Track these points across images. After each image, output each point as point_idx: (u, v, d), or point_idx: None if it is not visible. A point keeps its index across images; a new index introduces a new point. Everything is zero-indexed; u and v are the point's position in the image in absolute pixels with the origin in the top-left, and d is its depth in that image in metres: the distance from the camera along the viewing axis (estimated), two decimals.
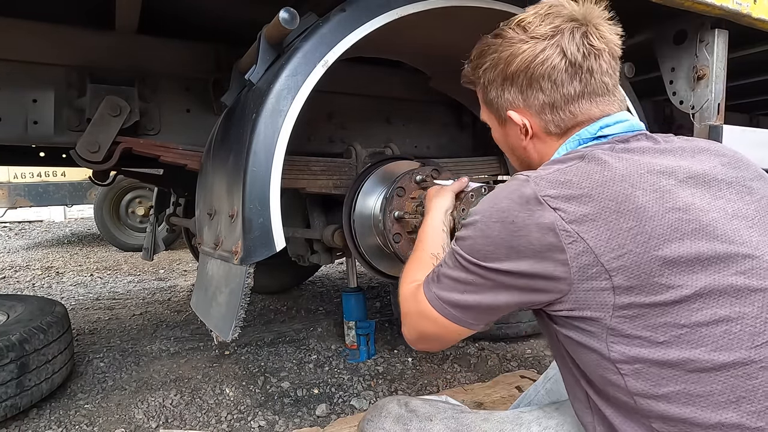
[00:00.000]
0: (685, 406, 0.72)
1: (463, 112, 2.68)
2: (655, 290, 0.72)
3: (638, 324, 0.73)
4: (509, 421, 1.01)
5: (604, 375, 0.78)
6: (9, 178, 6.71)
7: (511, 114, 0.95)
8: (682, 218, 0.74)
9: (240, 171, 1.26)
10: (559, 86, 0.88)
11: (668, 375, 0.73)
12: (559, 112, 0.90)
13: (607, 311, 0.74)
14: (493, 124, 1.05)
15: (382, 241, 1.77)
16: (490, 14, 1.57)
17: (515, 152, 1.02)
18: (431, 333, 0.95)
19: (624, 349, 0.75)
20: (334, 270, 4.86)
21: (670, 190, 0.77)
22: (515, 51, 0.90)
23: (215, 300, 1.44)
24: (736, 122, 2.58)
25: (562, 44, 0.87)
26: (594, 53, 0.87)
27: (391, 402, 1.11)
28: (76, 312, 3.59)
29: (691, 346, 0.72)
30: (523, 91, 0.92)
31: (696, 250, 0.73)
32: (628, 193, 0.76)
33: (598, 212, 0.75)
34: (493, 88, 0.97)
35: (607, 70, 0.89)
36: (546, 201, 0.77)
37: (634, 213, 0.74)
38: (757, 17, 1.83)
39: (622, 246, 0.73)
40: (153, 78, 1.95)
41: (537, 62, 0.88)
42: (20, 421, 1.92)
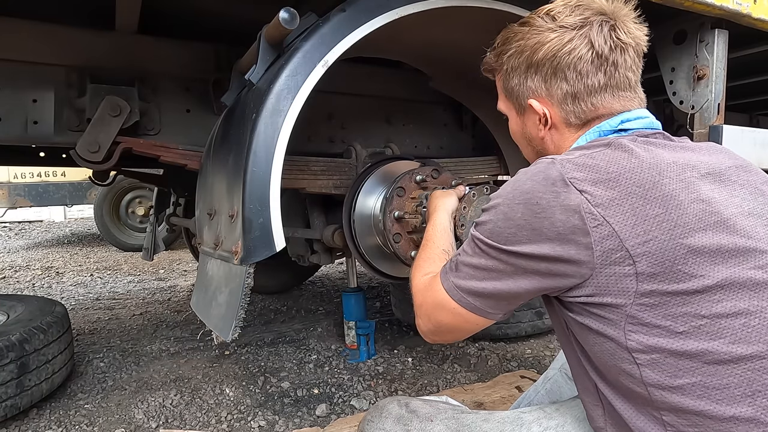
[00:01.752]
0: (700, 398, 0.72)
1: (463, 112, 2.68)
2: (678, 278, 0.72)
3: (659, 313, 0.73)
4: (510, 422, 1.01)
5: (619, 365, 0.77)
6: (9, 178, 6.71)
7: (532, 102, 0.94)
8: (706, 210, 0.75)
9: (240, 171, 1.26)
10: (583, 77, 0.88)
11: (685, 366, 0.72)
12: (581, 103, 0.90)
13: (628, 298, 0.74)
14: (510, 114, 1.04)
15: (382, 241, 1.77)
16: (490, 14, 1.57)
17: (531, 143, 1.01)
18: (448, 324, 0.93)
19: (642, 338, 0.74)
20: (334, 270, 4.86)
21: (693, 181, 0.77)
22: (542, 39, 0.90)
23: (215, 300, 1.44)
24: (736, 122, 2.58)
25: (590, 36, 0.87)
26: (620, 47, 0.88)
27: (392, 402, 1.11)
28: (76, 312, 3.59)
29: (710, 337, 0.71)
30: (547, 80, 0.92)
31: (718, 242, 0.73)
32: (655, 180, 0.76)
33: (624, 197, 0.75)
34: (515, 75, 0.96)
35: (632, 66, 0.90)
36: (573, 183, 0.76)
37: (661, 200, 0.74)
38: (757, 17, 1.83)
39: (648, 232, 0.73)
40: (153, 78, 1.95)
41: (564, 51, 0.88)
42: (20, 421, 1.92)
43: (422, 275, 1.03)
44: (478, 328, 0.93)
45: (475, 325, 0.92)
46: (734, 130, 1.96)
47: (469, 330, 0.94)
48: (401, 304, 2.87)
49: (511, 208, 0.81)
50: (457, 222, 1.55)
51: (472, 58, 2.00)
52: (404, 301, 2.83)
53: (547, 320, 2.71)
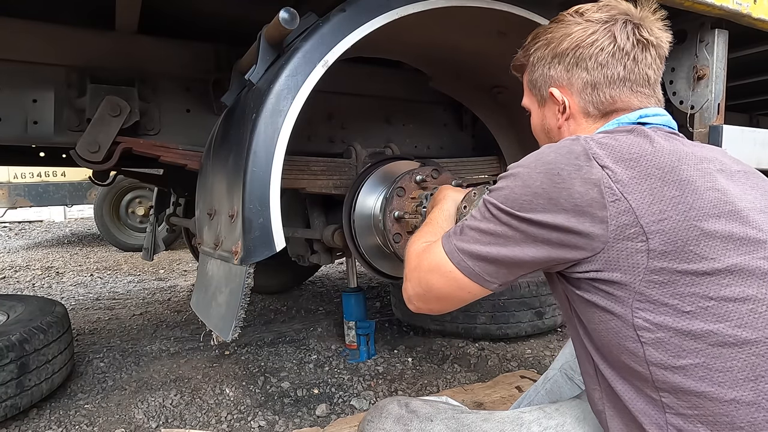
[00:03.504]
0: (702, 380, 0.72)
1: (463, 112, 2.68)
2: (689, 258, 0.73)
3: (667, 291, 0.74)
4: (509, 422, 1.01)
5: (622, 343, 0.78)
6: (9, 178, 6.71)
7: (553, 90, 0.98)
8: (721, 198, 0.77)
9: (240, 171, 1.26)
10: (603, 67, 0.92)
11: (689, 347, 0.73)
12: (600, 93, 0.94)
13: (638, 274, 0.75)
14: (532, 107, 1.08)
15: (382, 241, 1.77)
16: (490, 14, 1.57)
17: (549, 134, 1.04)
18: (439, 289, 0.93)
19: (649, 315, 0.75)
20: (334, 270, 4.86)
21: (710, 172, 0.80)
22: (568, 31, 0.95)
23: (215, 300, 1.44)
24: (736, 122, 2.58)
25: (613, 30, 0.92)
26: (642, 44, 0.92)
27: (392, 403, 1.11)
28: (76, 312, 3.59)
29: (717, 319, 0.72)
30: (569, 69, 0.96)
31: (730, 229, 0.75)
32: (674, 165, 0.79)
33: (643, 177, 0.77)
34: (540, 66, 1.01)
35: (651, 64, 0.94)
36: (596, 158, 0.79)
37: (678, 183, 0.77)
38: (757, 17, 1.83)
39: (663, 212, 0.75)
40: (153, 78, 1.95)
41: (587, 42, 0.93)
42: (20, 421, 1.92)
43: (419, 243, 1.03)
44: (468, 299, 0.92)
45: (468, 293, 0.91)
46: (734, 130, 1.96)
47: (459, 299, 0.93)
48: (401, 304, 2.87)
49: (530, 176, 0.82)
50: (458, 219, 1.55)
51: (472, 58, 2.02)
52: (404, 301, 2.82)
53: (548, 320, 2.71)
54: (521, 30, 1.68)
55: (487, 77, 2.14)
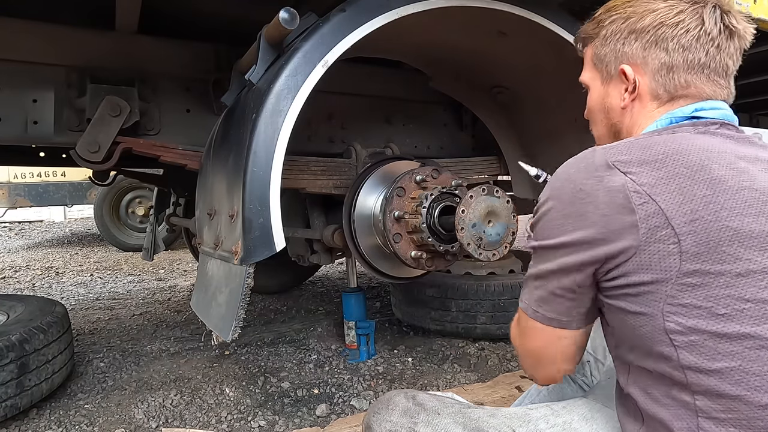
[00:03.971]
0: (737, 384, 0.71)
1: (463, 112, 2.68)
2: (723, 259, 0.71)
3: (700, 294, 0.72)
4: (517, 418, 1.01)
5: (656, 348, 0.76)
6: (9, 178, 6.72)
7: (625, 68, 0.93)
8: (758, 198, 0.74)
9: (240, 171, 1.26)
10: (685, 50, 0.88)
11: (725, 350, 0.71)
12: (675, 76, 0.89)
13: (670, 277, 0.73)
14: (594, 84, 1.02)
15: (382, 241, 1.77)
16: (490, 14, 1.57)
17: (609, 114, 0.99)
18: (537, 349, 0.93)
19: (681, 319, 0.73)
20: (334, 270, 4.86)
21: (747, 170, 0.77)
22: (652, 7, 0.90)
23: (215, 300, 1.44)
24: None
25: (702, 13, 0.87)
26: (729, 32, 0.88)
27: (398, 395, 1.10)
28: (76, 312, 3.59)
29: (753, 322, 0.71)
30: (646, 48, 0.90)
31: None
32: (704, 163, 0.76)
33: (671, 177, 0.75)
34: (613, 41, 0.95)
35: (733, 54, 0.90)
36: (616, 165, 0.77)
37: (709, 182, 0.74)
38: (757, 17, 1.83)
39: (694, 212, 0.72)
40: (153, 78, 1.95)
41: (672, 22, 0.88)
42: (20, 421, 1.91)
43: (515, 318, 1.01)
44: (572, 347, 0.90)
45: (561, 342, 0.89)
46: None
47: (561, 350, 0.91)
48: (401, 304, 2.87)
49: (559, 200, 0.82)
50: (457, 225, 1.55)
51: (472, 58, 2.02)
52: (404, 301, 2.83)
53: None
54: (521, 30, 1.69)
55: (487, 77, 2.14)
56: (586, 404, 1.04)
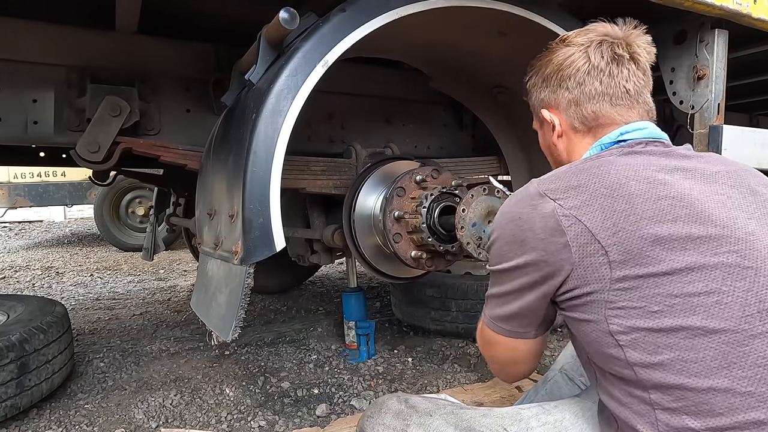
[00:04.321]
0: (679, 373, 0.76)
1: (463, 112, 2.68)
2: (647, 263, 0.78)
3: (633, 296, 0.79)
4: (508, 417, 1.02)
5: (606, 351, 0.83)
6: (9, 178, 6.71)
7: (543, 112, 1.08)
8: (675, 204, 0.81)
9: (240, 171, 1.26)
10: (581, 85, 1.00)
11: (663, 343, 0.77)
12: (582, 109, 1.01)
13: (605, 284, 0.81)
14: (537, 128, 1.18)
15: (382, 241, 1.77)
16: (490, 14, 1.57)
17: (549, 150, 1.13)
18: (502, 357, 1.05)
19: (621, 321, 0.80)
20: (334, 270, 4.86)
21: (665, 181, 0.85)
22: (551, 57, 1.05)
23: (215, 300, 1.44)
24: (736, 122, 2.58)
25: (588, 51, 1.00)
26: (617, 60, 0.98)
27: (391, 399, 1.12)
28: (76, 312, 3.59)
29: (684, 314, 0.76)
30: (554, 91, 1.04)
31: (687, 231, 0.79)
32: (622, 182, 0.84)
33: (593, 198, 0.84)
34: (533, 91, 1.11)
35: (629, 77, 0.99)
36: (546, 194, 0.87)
37: (626, 198, 0.82)
38: (757, 17, 1.83)
39: (616, 225, 0.81)
40: (153, 78, 1.95)
41: (565, 64, 1.01)
42: (20, 421, 1.92)
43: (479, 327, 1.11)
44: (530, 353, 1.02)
45: (523, 351, 1.01)
46: (734, 130, 1.95)
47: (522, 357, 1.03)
48: (401, 304, 2.87)
49: (502, 230, 0.93)
50: (456, 225, 1.55)
51: (472, 58, 2.02)
52: (404, 301, 2.83)
53: None
54: (521, 30, 1.69)
55: (487, 77, 2.14)
56: (577, 403, 1.06)
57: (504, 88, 2.16)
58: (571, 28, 1.65)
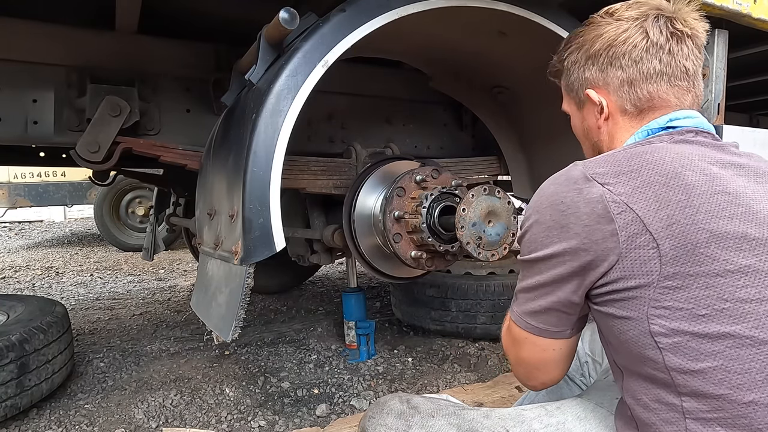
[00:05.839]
0: (720, 383, 0.72)
1: (463, 112, 2.68)
2: (701, 261, 0.73)
3: (681, 296, 0.74)
4: (511, 418, 1.01)
5: (642, 352, 0.78)
6: (9, 178, 6.71)
7: (590, 92, 0.98)
8: (732, 201, 0.76)
9: (240, 171, 1.26)
10: (638, 63, 0.91)
11: (707, 350, 0.72)
12: (637, 89, 0.93)
13: (652, 280, 0.75)
14: (572, 110, 1.08)
15: (382, 241, 1.77)
16: (490, 14, 1.57)
17: (589, 135, 1.04)
18: (529, 358, 0.95)
19: (664, 321, 0.75)
20: (334, 270, 4.86)
21: (721, 176, 0.79)
22: (599, 32, 0.95)
23: (215, 300, 1.44)
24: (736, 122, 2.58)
25: (645, 26, 0.91)
26: (677, 36, 0.91)
27: (393, 399, 1.11)
28: (76, 312, 3.59)
29: (733, 321, 0.72)
30: (604, 69, 0.95)
31: (744, 230, 0.74)
32: (678, 171, 0.78)
33: (647, 185, 0.77)
34: (575, 69, 1.01)
35: (689, 55, 0.92)
36: (594, 178, 0.80)
37: (683, 188, 0.76)
38: (757, 17, 1.83)
39: (671, 216, 0.75)
40: (153, 78, 1.95)
41: (619, 41, 0.92)
42: (20, 421, 1.92)
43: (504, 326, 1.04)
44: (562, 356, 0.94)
45: (554, 352, 0.92)
46: (734, 130, 1.95)
47: (552, 359, 0.94)
48: (401, 304, 2.87)
49: (541, 214, 0.85)
50: (457, 225, 1.55)
51: (472, 58, 2.02)
52: (404, 301, 2.83)
53: None
54: (521, 30, 1.69)
55: (487, 77, 2.14)
56: (580, 404, 1.05)
57: (504, 88, 2.16)
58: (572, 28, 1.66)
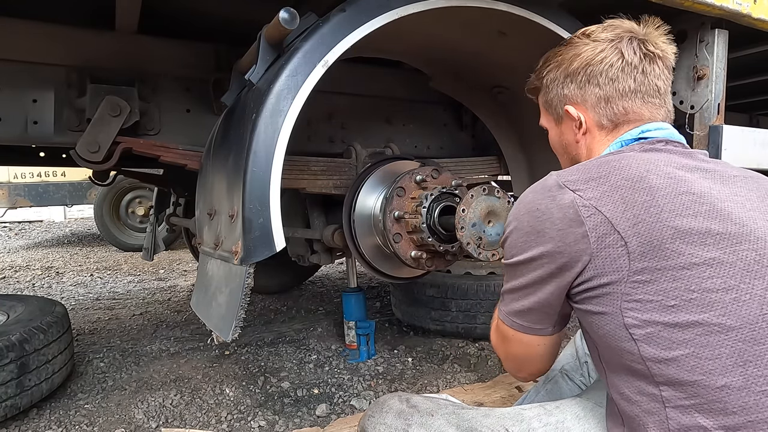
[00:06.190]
0: (693, 370, 0.75)
1: (463, 112, 2.68)
2: (667, 255, 0.78)
3: (651, 288, 0.78)
4: (510, 417, 1.02)
5: (619, 345, 0.82)
6: (9, 178, 6.71)
7: (569, 108, 1.04)
8: (696, 200, 0.81)
9: (240, 171, 1.26)
10: (614, 81, 0.98)
11: (678, 338, 0.76)
12: (613, 106, 0.99)
13: (623, 275, 0.80)
14: (550, 125, 1.14)
15: (382, 241, 1.77)
16: (490, 14, 1.57)
17: (567, 149, 1.10)
18: (518, 353, 1.03)
19: (637, 314, 0.79)
20: (334, 270, 4.86)
21: (686, 178, 0.84)
22: (578, 52, 1.02)
23: (215, 300, 1.44)
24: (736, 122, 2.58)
25: (620, 47, 0.98)
26: (650, 57, 0.98)
27: (393, 398, 1.12)
28: (76, 312, 3.59)
29: (701, 310, 0.76)
30: (582, 87, 1.02)
31: (707, 226, 0.79)
32: (643, 175, 0.84)
33: (614, 189, 0.83)
34: (554, 86, 1.07)
35: (660, 75, 0.99)
36: (566, 185, 0.87)
37: (648, 190, 0.82)
38: (757, 17, 1.83)
39: (637, 216, 0.80)
40: (153, 78, 1.95)
41: (596, 60, 0.99)
42: (20, 421, 1.92)
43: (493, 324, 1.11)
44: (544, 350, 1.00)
45: (539, 347, 0.99)
46: (734, 130, 1.95)
47: (539, 354, 1.01)
48: (401, 304, 2.87)
49: (519, 221, 0.91)
50: (457, 225, 1.55)
51: (472, 58, 2.02)
52: (404, 301, 2.83)
53: None
54: (521, 30, 1.69)
55: (487, 77, 2.14)
56: (578, 403, 1.06)
57: (504, 88, 2.16)
58: (572, 28, 1.67)
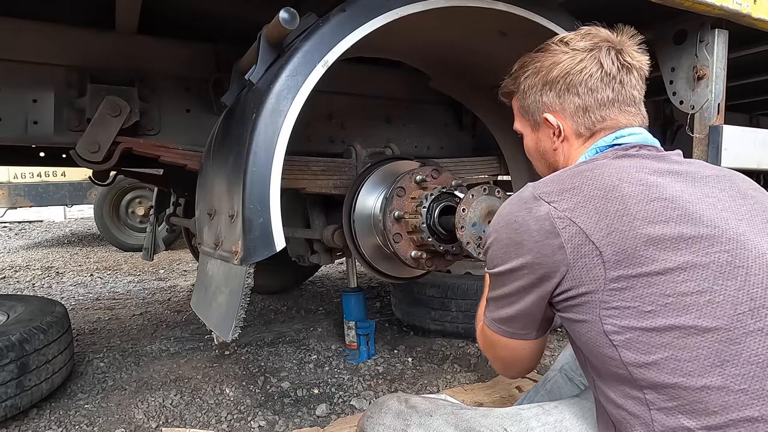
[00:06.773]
0: (673, 372, 0.77)
1: (463, 112, 2.68)
2: (641, 262, 0.79)
3: (627, 296, 0.80)
4: (508, 417, 1.03)
5: (601, 351, 0.84)
6: (9, 178, 6.71)
7: (548, 116, 1.05)
8: (667, 206, 0.83)
9: (240, 171, 1.26)
10: (594, 91, 0.99)
11: (656, 342, 0.78)
12: (592, 114, 1.00)
13: (599, 284, 0.81)
14: (525, 131, 1.14)
15: (382, 241, 1.77)
16: (490, 14, 1.57)
17: (545, 155, 1.11)
18: (506, 356, 1.06)
19: (615, 321, 0.81)
20: (334, 270, 4.86)
21: (658, 184, 0.86)
22: (557, 60, 1.02)
23: (215, 300, 1.44)
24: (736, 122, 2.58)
25: (599, 57, 0.99)
26: (626, 68, 0.99)
27: (391, 399, 1.12)
28: (76, 312, 3.59)
29: (677, 313, 0.77)
30: (561, 95, 1.02)
31: (680, 231, 0.80)
32: (615, 184, 0.85)
33: (587, 200, 0.85)
34: (531, 93, 1.07)
35: (636, 85, 1.01)
36: (541, 197, 0.88)
37: (620, 199, 0.83)
38: (757, 17, 1.83)
39: (610, 225, 0.82)
40: (153, 78, 1.95)
41: (576, 70, 1.00)
42: (20, 421, 1.91)
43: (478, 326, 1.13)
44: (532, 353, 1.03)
45: (524, 350, 1.02)
46: (734, 130, 1.96)
47: (525, 356, 1.03)
48: (401, 304, 2.87)
49: (498, 233, 0.94)
50: (456, 225, 1.55)
51: (472, 58, 2.02)
52: (404, 301, 2.83)
53: None
54: (521, 30, 1.69)
55: (487, 77, 2.14)
56: (577, 403, 1.06)
57: None
58: (571, 28, 1.66)
